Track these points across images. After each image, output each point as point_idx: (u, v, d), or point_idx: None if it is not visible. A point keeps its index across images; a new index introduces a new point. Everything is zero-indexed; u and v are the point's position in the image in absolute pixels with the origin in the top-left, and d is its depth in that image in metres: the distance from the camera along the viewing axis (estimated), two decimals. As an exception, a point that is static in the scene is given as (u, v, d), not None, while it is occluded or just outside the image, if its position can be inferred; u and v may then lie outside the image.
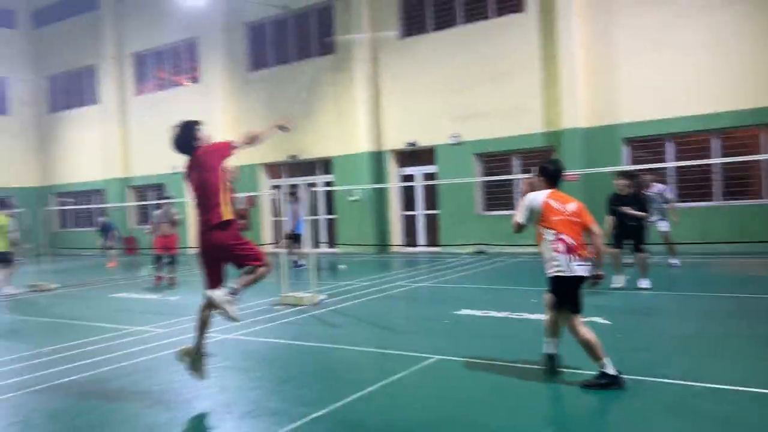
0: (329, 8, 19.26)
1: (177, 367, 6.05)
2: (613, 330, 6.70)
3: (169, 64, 23.32)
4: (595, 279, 5.03)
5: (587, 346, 4.84)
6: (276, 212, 20.59)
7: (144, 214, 23.06)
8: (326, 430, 4.26)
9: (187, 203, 21.79)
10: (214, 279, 4.92)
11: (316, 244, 19.94)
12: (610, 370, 4.73)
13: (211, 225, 4.77)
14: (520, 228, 5.16)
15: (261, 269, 4.85)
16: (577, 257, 4.90)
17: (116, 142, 24.21)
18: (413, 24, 18.01)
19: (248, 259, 4.84)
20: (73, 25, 25.68)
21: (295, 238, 14.82)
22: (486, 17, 16.70)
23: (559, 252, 4.90)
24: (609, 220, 9.49)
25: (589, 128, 15.12)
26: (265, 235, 20.44)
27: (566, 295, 4.96)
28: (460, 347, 6.19)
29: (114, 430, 4.41)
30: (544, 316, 5.29)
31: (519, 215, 5.13)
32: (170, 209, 13.12)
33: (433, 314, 8.16)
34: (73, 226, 26.74)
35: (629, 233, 9.38)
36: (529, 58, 15.89)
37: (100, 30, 24.42)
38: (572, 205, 5.07)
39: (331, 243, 19.61)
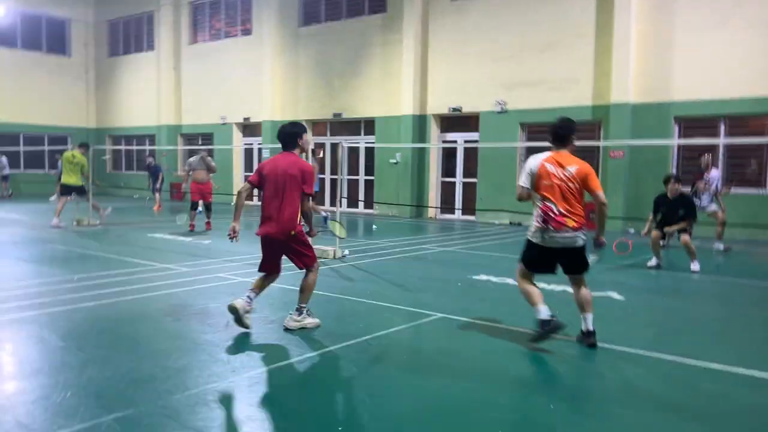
0: (384, -35, 18.98)
1: (189, 301, 6.32)
2: (625, 306, 6.60)
3: (224, 14, 23.54)
4: (597, 245, 4.90)
5: (524, 294, 4.96)
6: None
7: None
8: (309, 368, 4.41)
9: (230, 151, 22.20)
10: (268, 265, 5.32)
11: (352, 203, 20.15)
12: (542, 315, 4.74)
13: (284, 221, 5.14)
14: (522, 192, 4.92)
15: (311, 277, 5.32)
16: (558, 228, 4.69)
17: (169, 89, 24.74)
18: (467, -14, 17.58)
19: (302, 260, 5.28)
20: (134, -29, 26.15)
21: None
22: (542, -18, 16.17)
23: (537, 223, 4.78)
24: (650, 218, 9.35)
25: (639, 104, 14.60)
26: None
27: (531, 258, 4.93)
28: (466, 308, 6.22)
29: (113, 353, 4.64)
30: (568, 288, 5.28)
31: (521, 178, 4.98)
32: (207, 156, 13.32)
33: (450, 277, 8.18)
34: (125, 168, 27.67)
35: (673, 222, 9.14)
36: (583, 27, 15.36)
37: (160, -24, 24.79)
38: (573, 168, 4.76)
39: (368, 204, 19.74)
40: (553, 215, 4.68)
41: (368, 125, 19.76)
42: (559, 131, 4.90)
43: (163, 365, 4.34)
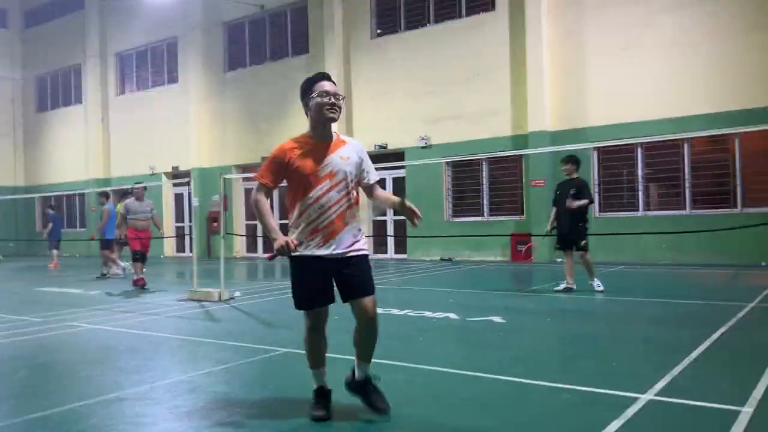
0: (304, 8, 18.93)
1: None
2: (504, 329, 6.06)
3: (150, 63, 23.16)
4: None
5: None
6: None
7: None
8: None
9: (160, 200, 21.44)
10: None
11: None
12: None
13: None
14: None
15: None
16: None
17: (97, 142, 24.06)
18: (385, 24, 17.59)
19: None
20: (60, 25, 25.68)
21: (104, 244, 13.07)
22: (457, 17, 16.20)
23: None
24: (553, 211, 8.80)
25: (557, 131, 14.47)
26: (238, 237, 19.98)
27: None
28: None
29: None
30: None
31: None
32: (154, 210, 11.31)
33: (333, 312, 7.53)
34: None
35: (571, 228, 8.57)
36: (498, 58, 15.34)
37: (85, 29, 24.39)
38: None
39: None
40: None
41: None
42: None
43: None
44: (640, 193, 13.83)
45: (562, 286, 8.78)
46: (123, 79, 24.04)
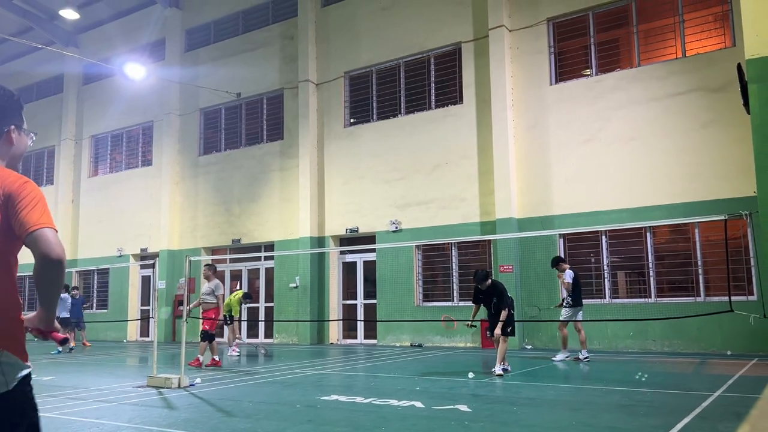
0: (280, 96, 19.52)
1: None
2: (469, 418, 5.94)
3: (125, 146, 23.38)
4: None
5: None
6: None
7: (88, 298, 22.13)
8: None
9: (126, 283, 20.93)
10: None
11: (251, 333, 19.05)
12: None
13: None
14: None
15: None
16: None
17: (65, 223, 23.81)
18: (358, 114, 18.18)
19: None
20: (37, 108, 25.94)
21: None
22: (427, 108, 16.84)
23: None
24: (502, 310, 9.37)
25: (523, 219, 14.81)
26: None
27: None
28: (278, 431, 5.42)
29: None
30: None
31: None
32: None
33: (296, 400, 7.34)
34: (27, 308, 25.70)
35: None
36: (466, 148, 15.87)
37: (62, 112, 24.69)
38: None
39: (268, 331, 18.74)
40: None
41: (268, 250, 19.26)
42: None
43: None
44: (607, 281, 14.03)
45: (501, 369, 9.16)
46: (96, 160, 24.15)
